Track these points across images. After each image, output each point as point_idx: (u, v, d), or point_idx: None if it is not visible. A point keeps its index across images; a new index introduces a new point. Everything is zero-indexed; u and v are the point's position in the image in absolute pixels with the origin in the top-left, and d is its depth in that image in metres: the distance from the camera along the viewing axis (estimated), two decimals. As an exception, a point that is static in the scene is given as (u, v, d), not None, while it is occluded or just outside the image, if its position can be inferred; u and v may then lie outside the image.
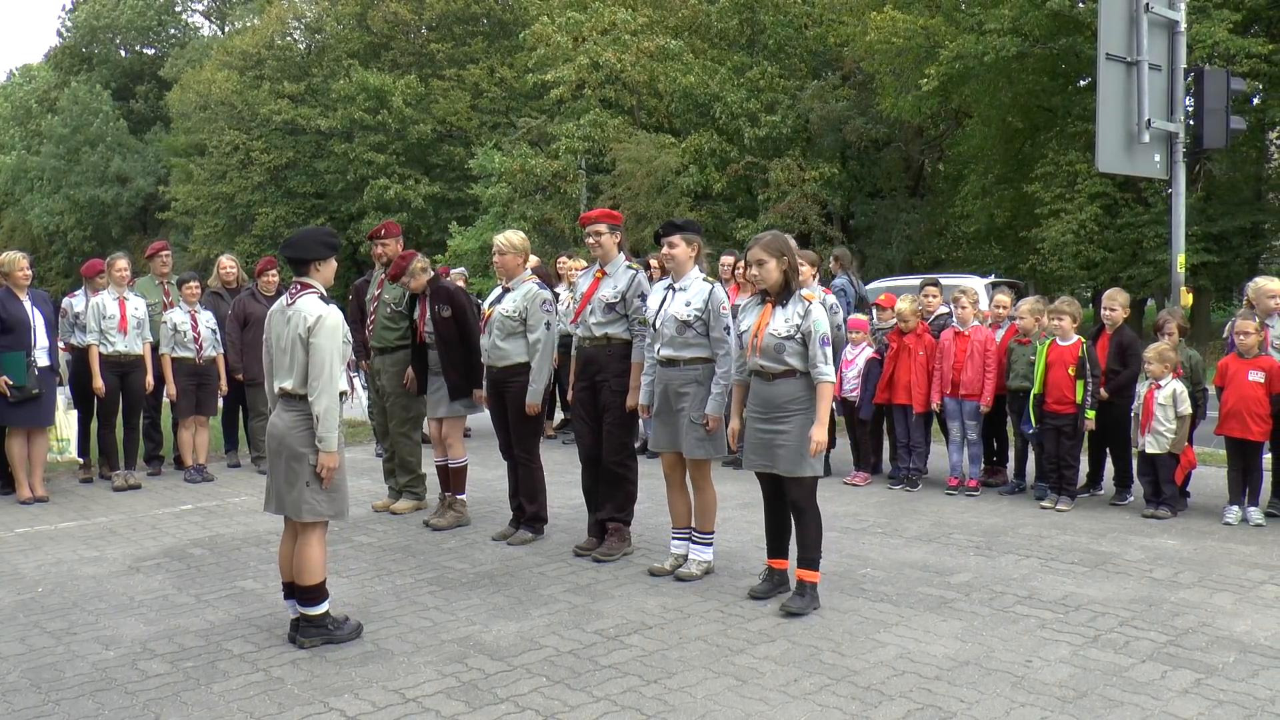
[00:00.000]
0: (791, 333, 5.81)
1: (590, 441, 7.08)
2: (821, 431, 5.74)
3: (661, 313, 6.48)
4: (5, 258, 9.47)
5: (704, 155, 29.18)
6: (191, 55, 51.87)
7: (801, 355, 5.81)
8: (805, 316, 5.81)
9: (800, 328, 5.80)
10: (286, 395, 5.37)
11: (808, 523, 5.89)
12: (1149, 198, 23.15)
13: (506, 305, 7.36)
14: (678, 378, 6.41)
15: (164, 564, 7.05)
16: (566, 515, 8.28)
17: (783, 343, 5.80)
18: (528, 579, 6.53)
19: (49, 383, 9.43)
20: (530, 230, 29.21)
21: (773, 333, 5.83)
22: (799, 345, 5.81)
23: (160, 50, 57.95)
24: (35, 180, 52.78)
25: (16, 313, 9.22)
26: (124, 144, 51.65)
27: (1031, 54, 23.40)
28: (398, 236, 8.77)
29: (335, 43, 45.26)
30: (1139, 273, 23.01)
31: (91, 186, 50.20)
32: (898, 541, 7.42)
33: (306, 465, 5.31)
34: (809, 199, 27.71)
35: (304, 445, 5.32)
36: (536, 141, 34.04)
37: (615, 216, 7.15)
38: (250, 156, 44.08)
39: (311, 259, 5.41)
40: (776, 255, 5.90)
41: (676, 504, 6.68)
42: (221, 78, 44.33)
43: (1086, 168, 22.44)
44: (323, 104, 43.27)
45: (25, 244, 52.23)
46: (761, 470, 6.00)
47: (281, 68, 44.96)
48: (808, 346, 5.79)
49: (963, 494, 9.07)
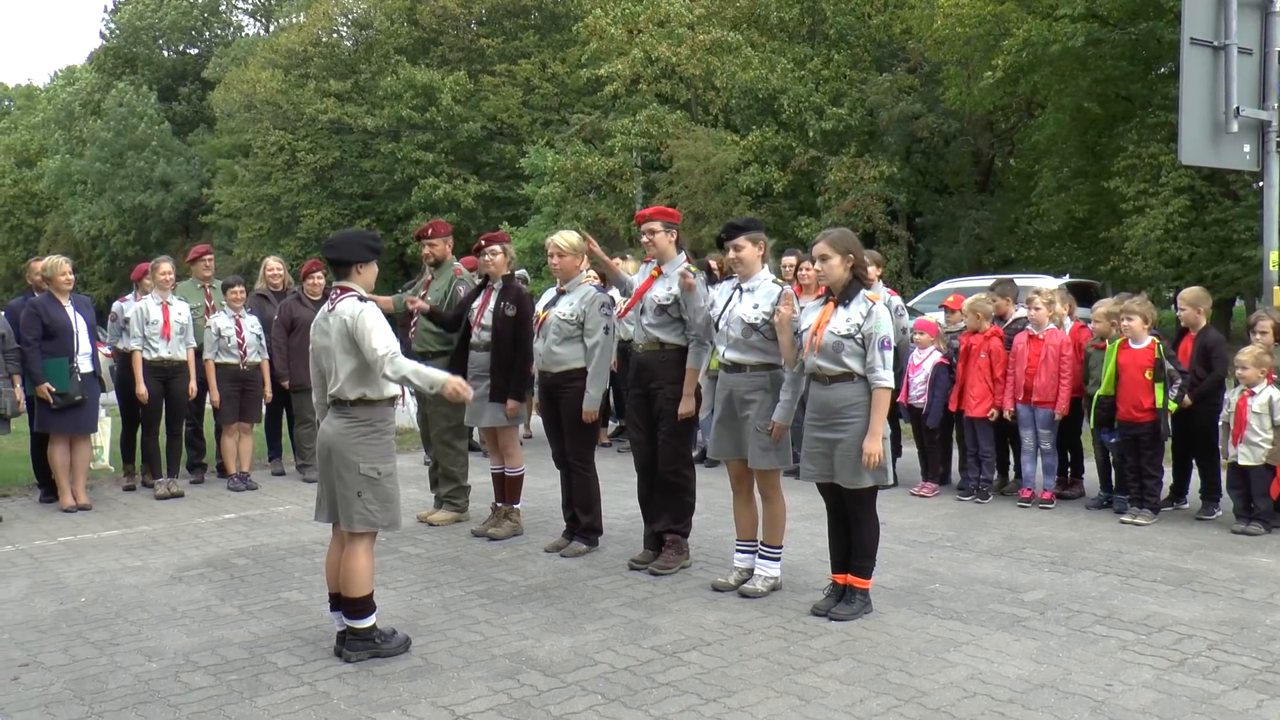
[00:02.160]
0: (851, 332, 5.79)
1: (646, 450, 7.08)
2: (875, 443, 5.71)
3: (727, 314, 6.46)
4: (48, 262, 9.65)
5: (765, 152, 29.11)
6: (236, 54, 52.54)
7: (860, 357, 5.79)
8: (867, 317, 5.79)
9: (861, 328, 5.78)
10: (337, 402, 5.45)
11: (864, 529, 5.93)
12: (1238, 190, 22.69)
13: (563, 308, 7.38)
14: (743, 384, 6.38)
15: (207, 574, 7.14)
16: (622, 526, 8.28)
17: (842, 341, 5.78)
18: (582, 592, 6.53)
19: (92, 389, 9.58)
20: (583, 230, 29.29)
21: (833, 331, 5.81)
22: (858, 346, 5.78)
23: (204, 50, 58.83)
24: (79, 184, 53.70)
25: (59, 318, 9.38)
26: (168, 147, 52.39)
27: (1108, 39, 23.05)
28: (446, 236, 8.80)
29: (383, 39, 45.67)
30: (1226, 270, 22.57)
31: (136, 192, 50.99)
32: (967, 556, 7.34)
33: (358, 473, 5.37)
34: (873, 197, 27.55)
35: (355, 453, 5.38)
36: (590, 139, 34.15)
37: (671, 214, 7.14)
38: (295, 157, 44.57)
39: (354, 261, 5.50)
40: (842, 252, 5.88)
41: (742, 515, 6.66)
42: (266, 76, 44.89)
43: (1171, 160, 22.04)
44: (370, 102, 43.68)
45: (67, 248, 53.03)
46: (819, 480, 5.99)
47: (328, 65, 45.47)
48: (867, 349, 5.76)
49: (1036, 506, 8.95)
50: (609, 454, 11.84)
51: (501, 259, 8.10)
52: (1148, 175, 23.00)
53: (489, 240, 8.21)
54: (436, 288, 8.62)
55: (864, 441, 5.73)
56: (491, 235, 8.30)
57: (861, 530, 5.94)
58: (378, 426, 5.46)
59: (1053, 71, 23.74)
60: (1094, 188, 25.26)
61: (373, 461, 5.41)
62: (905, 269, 29.22)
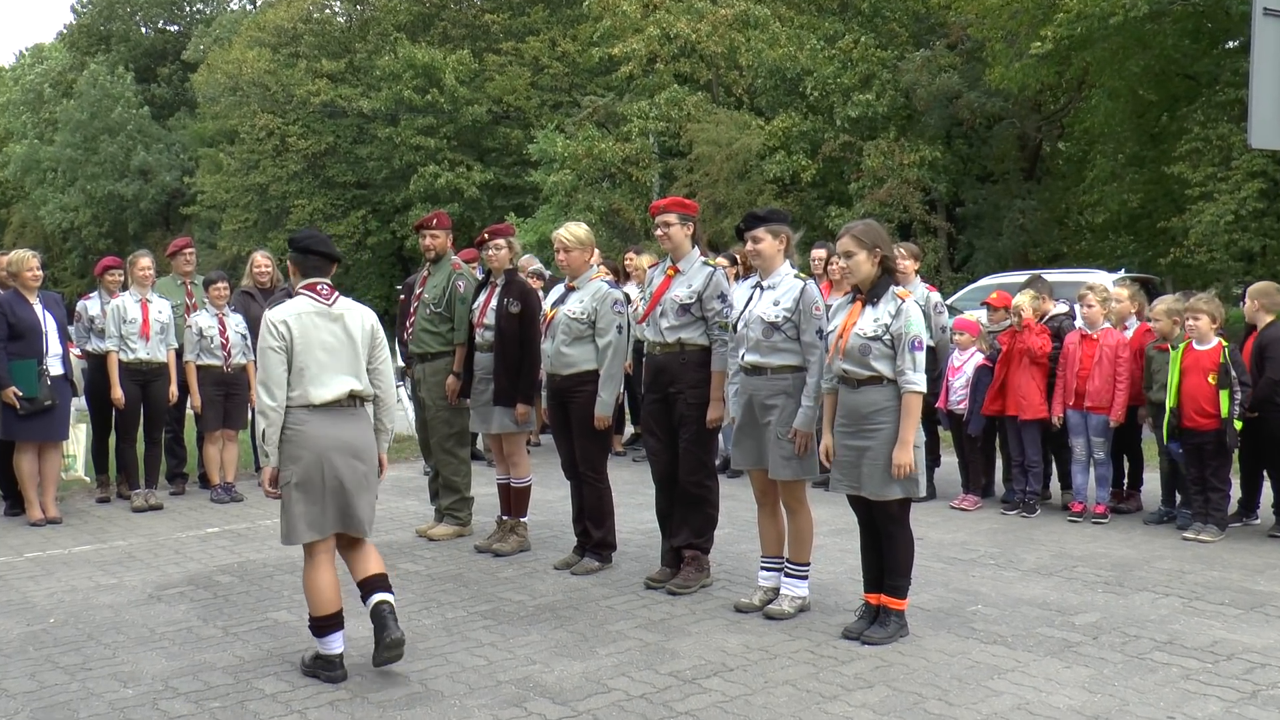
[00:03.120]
0: (879, 333, 5.80)
1: (664, 459, 7.08)
2: (905, 452, 5.72)
3: (746, 313, 6.46)
4: (13, 256, 9.66)
5: (792, 138, 29.07)
6: (219, 32, 52.71)
7: (890, 360, 5.80)
8: (896, 316, 5.79)
9: (890, 328, 5.78)
10: (358, 398, 5.61)
11: (897, 545, 5.94)
12: (1318, 174, 22.46)
13: (573, 306, 7.39)
14: (764, 388, 6.38)
15: (188, 593, 7.16)
16: (637, 542, 8.28)
17: (868, 344, 5.80)
18: (594, 613, 6.54)
19: (62, 393, 9.59)
20: (596, 222, 29.29)
21: (859, 332, 5.82)
22: (887, 348, 5.79)
23: (185, 27, 59.05)
24: (48, 172, 53.83)
25: (26, 317, 9.38)
26: (146, 132, 52.48)
27: (1169, 12, 22.88)
28: (448, 229, 8.82)
29: (380, 15, 45.77)
30: (1306, 265, 22.42)
31: (110, 180, 51.04)
32: (1013, 575, 7.32)
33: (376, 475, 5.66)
34: (910, 185, 27.49)
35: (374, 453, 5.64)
36: (603, 122, 34.15)
37: (688, 205, 7.13)
38: (285, 143, 44.68)
39: (338, 258, 5.83)
40: (868, 247, 5.88)
41: (767, 530, 6.65)
42: (253, 56, 45.00)
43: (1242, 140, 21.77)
44: (365, 83, 43.77)
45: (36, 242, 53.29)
46: (849, 492, 5.99)
47: (320, 44, 45.59)
48: (897, 350, 5.76)
49: (1088, 521, 8.91)
50: (623, 463, 11.84)
51: (506, 253, 8.14)
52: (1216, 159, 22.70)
53: (493, 233, 8.23)
54: (434, 284, 8.63)
55: (893, 450, 5.73)
56: (496, 228, 8.33)
57: (894, 546, 5.93)
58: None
59: (1105, 50, 23.57)
60: (1153, 174, 25.10)
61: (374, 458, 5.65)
62: (944, 263, 29.15)
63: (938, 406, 9.73)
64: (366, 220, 43.98)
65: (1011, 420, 9.30)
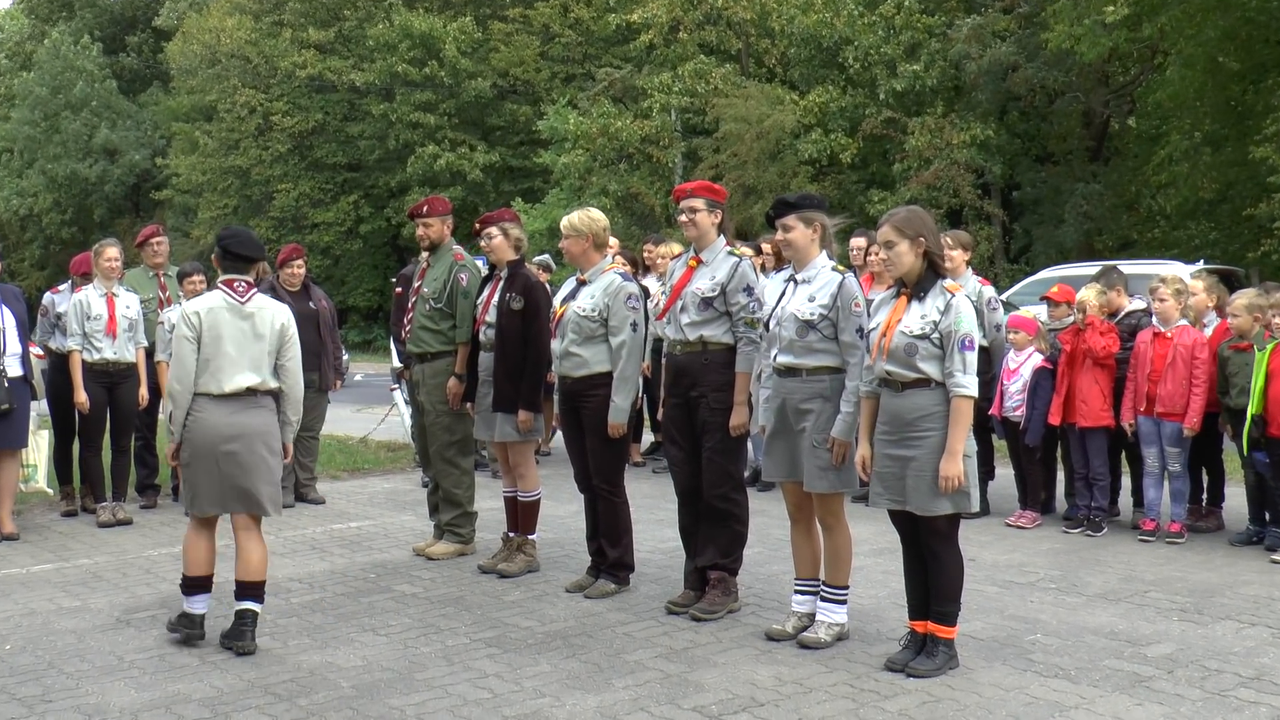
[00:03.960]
0: (926, 331, 5.78)
1: (687, 470, 7.08)
2: (953, 463, 5.70)
3: (779, 310, 6.45)
4: (-36, 248, 9.69)
5: (829, 115, 29.03)
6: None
7: (938, 361, 5.78)
8: (945, 312, 5.78)
9: (938, 326, 5.76)
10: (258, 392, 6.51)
11: (944, 566, 5.91)
12: None
13: (583, 302, 7.40)
14: (799, 391, 6.37)
15: (160, 616, 7.17)
16: (658, 562, 8.28)
17: (914, 343, 5.78)
18: (610, 641, 6.54)
19: (21, 397, 9.59)
20: (612, 208, 29.33)
21: (904, 330, 5.80)
22: (935, 347, 5.77)
23: (157, -9, 59.20)
24: (4, 153, 53.85)
25: (-20, 313, 9.41)
26: (114, 108, 52.57)
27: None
28: (445, 215, 8.78)
29: (372, -22, 45.90)
30: None
31: (73, 160, 51.09)
32: (1076, 600, 7.29)
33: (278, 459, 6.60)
34: (960, 166, 27.41)
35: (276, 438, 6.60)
36: (621, 97, 34.19)
37: (716, 191, 7.13)
38: (268, 121, 44.83)
39: (258, 258, 6.84)
40: (911, 236, 5.87)
41: (801, 549, 6.65)
42: (232, 24, 45.18)
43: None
44: (357, 55, 43.88)
45: (-10, 230, 53.49)
46: (892, 507, 5.97)
47: (306, 10, 45.73)
48: (945, 350, 5.74)
49: (1162, 540, 8.88)
50: (642, 475, 11.84)
51: (501, 242, 8.12)
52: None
53: (484, 222, 8.24)
54: (433, 277, 8.63)
55: (940, 461, 5.71)
56: (489, 215, 8.32)
57: (941, 568, 5.91)
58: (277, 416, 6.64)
59: (1182, 12, 23.36)
60: (1235, 154, 24.90)
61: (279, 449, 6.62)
62: (999, 253, 29.07)
63: (991, 413, 9.70)
64: (358, 206, 44.12)
65: (1074, 428, 9.27)
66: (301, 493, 10.96)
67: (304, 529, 9.75)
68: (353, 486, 11.90)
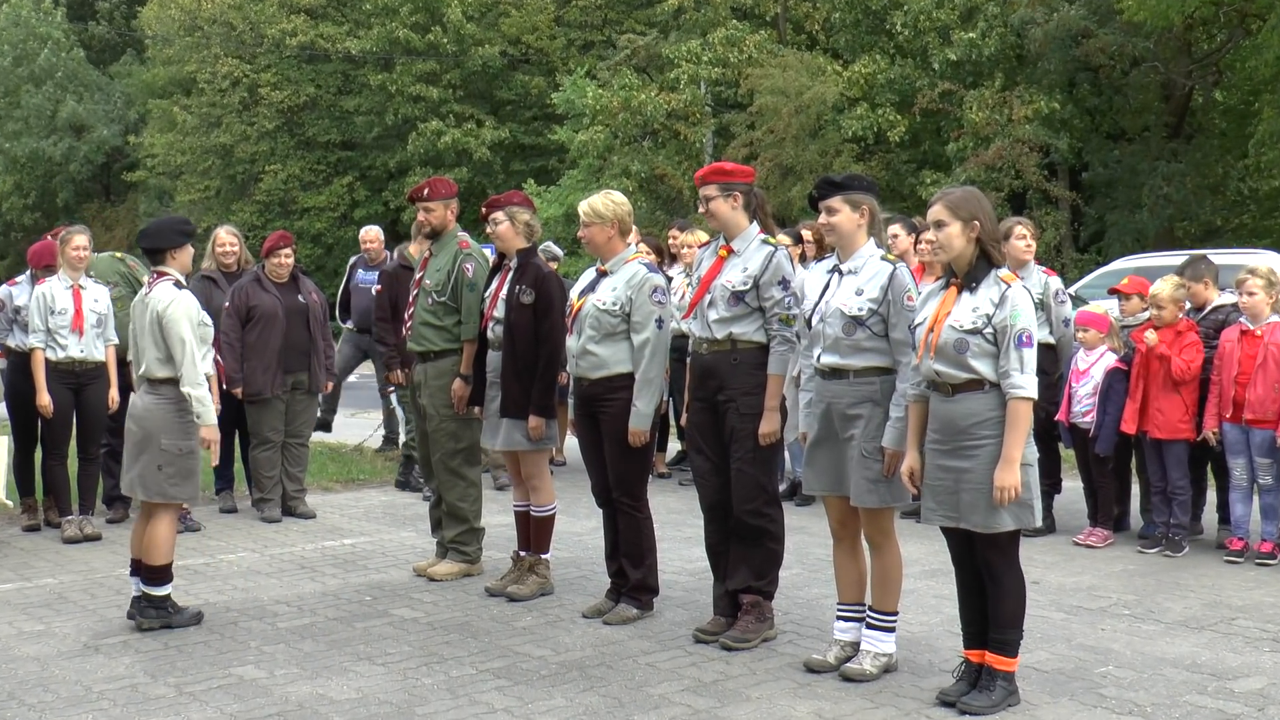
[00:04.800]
0: (979, 325, 5.75)
1: (715, 483, 7.08)
2: (1009, 473, 5.65)
3: (823, 305, 6.44)
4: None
5: (877, 87, 28.95)
6: (174, -43, 52.99)
7: (992, 358, 5.75)
8: (1000, 304, 5.75)
9: (993, 320, 5.73)
10: (148, 380, 7.49)
11: (1004, 589, 5.87)
12: None
13: (603, 295, 7.41)
14: (846, 395, 6.36)
15: (133, 642, 7.21)
16: (685, 584, 8.28)
17: (965, 338, 5.75)
18: (631, 672, 6.55)
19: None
20: (635, 190, 29.29)
21: (954, 324, 5.77)
22: (988, 344, 5.74)
23: (130, -49, 59.35)
24: (-43, 130, 54.07)
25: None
26: (81, 80, 52.60)
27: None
28: (448, 199, 8.78)
29: (368, -65, 45.93)
30: None
31: (35, 138, 51.03)
32: (1153, 628, 7.27)
33: (159, 449, 7.39)
34: (1024, 145, 27.30)
35: (160, 429, 7.41)
36: (644, 67, 34.16)
37: (731, 172, 7.08)
38: (255, 94, 44.84)
39: (166, 248, 7.61)
40: (964, 218, 5.84)
41: (845, 570, 6.65)
42: (214, -13, 45.27)
43: None
44: (353, 21, 43.92)
45: (-56, 216, 53.57)
46: (945, 524, 5.95)
47: (296, -29, 45.81)
48: (1000, 347, 5.71)
49: (1251, 561, 8.85)
50: (667, 487, 11.85)
51: (508, 228, 8.12)
52: None
53: (491, 206, 8.24)
54: (436, 267, 8.63)
55: (996, 471, 5.68)
56: (497, 198, 8.33)
57: (1001, 591, 5.88)
58: (183, 406, 7.43)
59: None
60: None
61: (175, 438, 7.43)
62: (1067, 241, 28.94)
63: (1058, 419, 9.68)
64: (353, 188, 44.11)
65: (1150, 437, 9.24)
66: (290, 506, 10.99)
67: (292, 546, 9.78)
68: (346, 499, 11.94)
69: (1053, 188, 28.29)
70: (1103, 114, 30.33)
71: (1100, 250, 28.61)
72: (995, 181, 26.34)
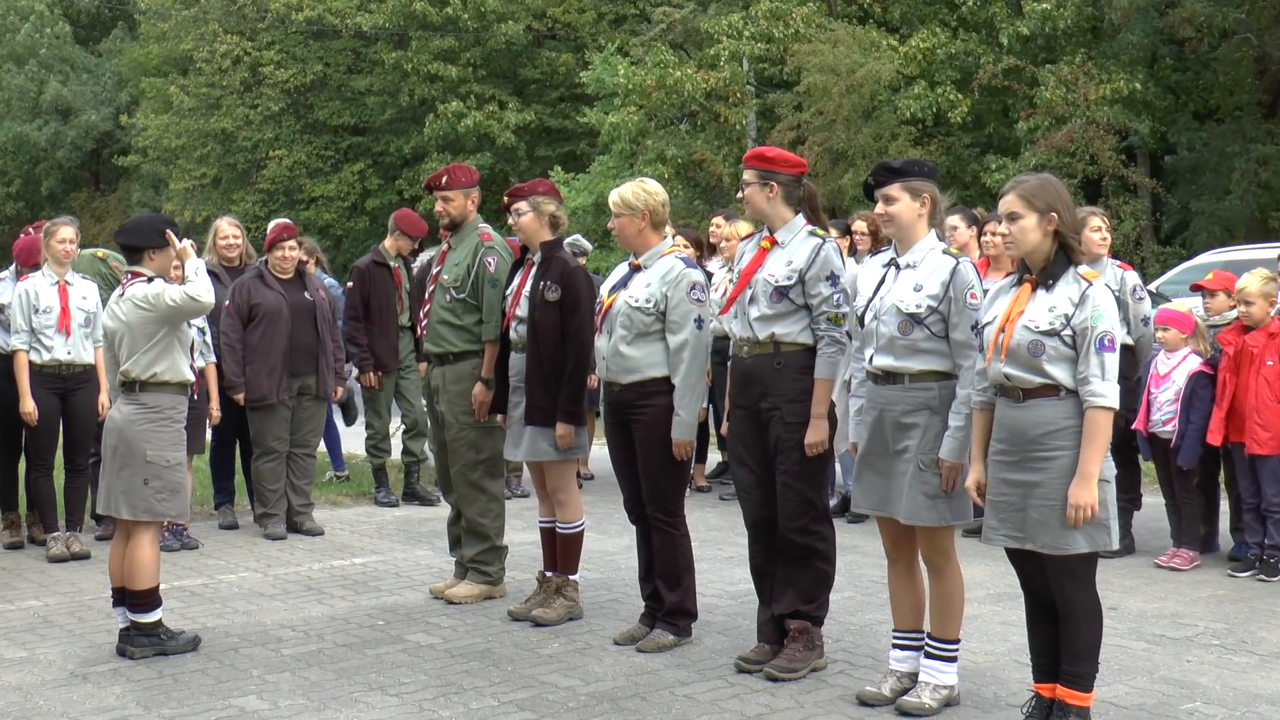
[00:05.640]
0: (1055, 326, 5.72)
1: (758, 497, 7.08)
2: (1086, 489, 5.61)
3: (877, 301, 6.44)
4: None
5: (937, 64, 28.87)
6: (169, -75, 53.19)
7: (1069, 363, 5.72)
8: (1080, 304, 5.72)
9: (1071, 321, 5.71)
10: (126, 385, 7.49)
11: (1078, 617, 5.84)
12: None
13: (636, 291, 7.42)
14: (900, 401, 6.36)
15: (123, 670, 7.25)
16: (726, 609, 8.29)
17: (1040, 340, 5.72)
18: (668, 704, 6.56)
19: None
20: (671, 178, 29.27)
21: (1028, 325, 5.75)
22: (1065, 346, 5.71)
23: (122, -81, 59.65)
24: (-67, 113, 54.35)
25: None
26: (67, 59, 52.79)
27: None
28: (468, 187, 8.79)
29: (381, -100, 46.04)
30: None
31: (18, 122, 51.20)
32: (1245, 660, 7.25)
33: (144, 460, 7.36)
34: (1100, 127, 27.17)
35: (143, 439, 7.38)
36: (681, 44, 34.15)
37: (774, 160, 7.06)
38: (257, 74, 44.95)
39: (145, 247, 7.60)
40: (1041, 210, 5.82)
41: (901, 594, 6.64)
42: (213, -44, 45.42)
43: None
44: (363, -7, 44.06)
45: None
46: (1011, 545, 5.92)
47: (303, -61, 45.93)
48: (1079, 351, 5.69)
49: (1351, 586, 8.82)
50: (706, 502, 11.85)
51: (531, 219, 8.14)
52: None
53: (513, 195, 8.26)
54: (455, 261, 8.65)
55: (1070, 486, 5.65)
56: (520, 186, 8.34)
57: (1075, 619, 5.85)
58: (167, 414, 7.50)
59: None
60: None
61: (161, 449, 7.43)
62: (1147, 233, 28.82)
63: (1136, 428, 9.64)
64: (365, 176, 44.18)
65: (1242, 448, 9.20)
66: (295, 522, 11.03)
67: (298, 565, 9.83)
68: (357, 514, 11.98)
69: (1131, 173, 28.14)
70: (1188, 92, 30.12)
71: (1184, 242, 28.45)
72: (1068, 167, 26.16)
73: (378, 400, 12.26)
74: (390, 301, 12.12)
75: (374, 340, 11.95)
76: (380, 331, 12.04)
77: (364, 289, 11.31)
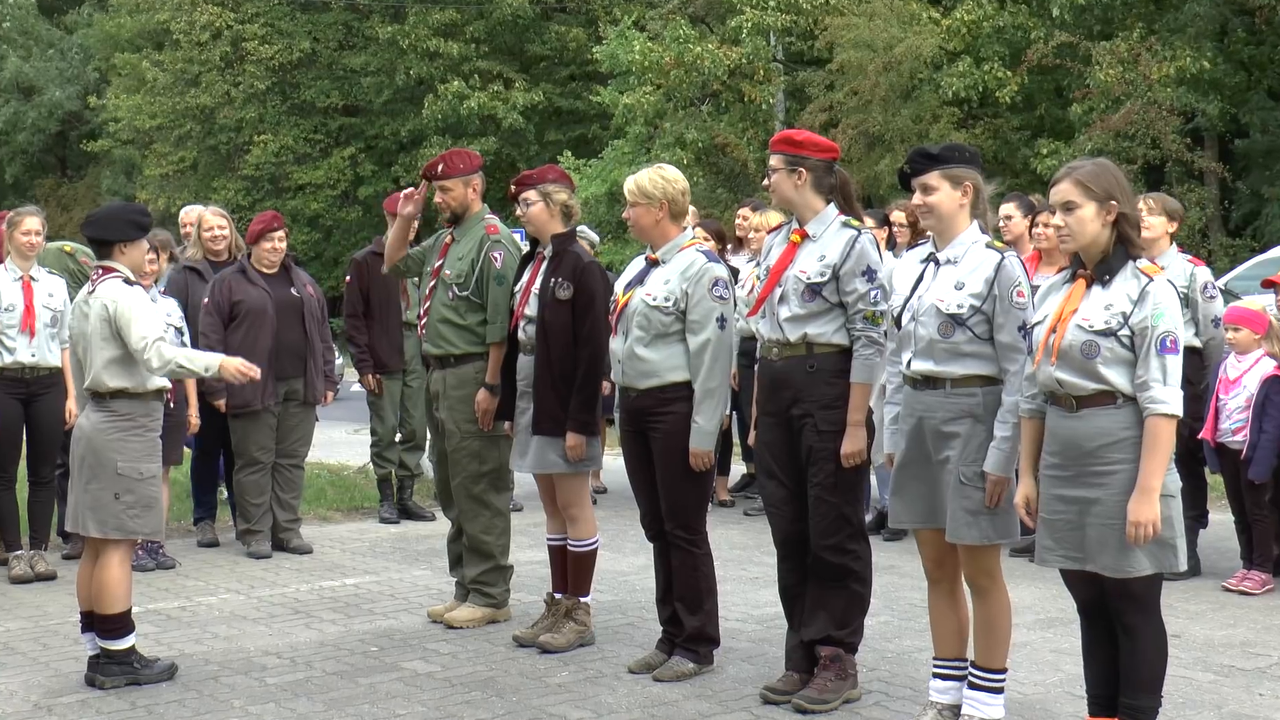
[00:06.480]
0: (1112, 325, 5.69)
1: (789, 513, 7.08)
2: (1147, 505, 5.56)
3: (915, 300, 6.44)
4: None
5: (982, 39, 28.84)
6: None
7: (1128, 367, 5.68)
8: (1140, 302, 5.69)
9: (1129, 320, 5.69)
10: (95, 395, 7.46)
11: (1140, 645, 5.80)
12: None
13: (654, 288, 7.42)
14: (941, 409, 6.35)
15: (92, 701, 7.25)
16: (751, 633, 8.30)
17: (1095, 341, 5.69)
18: (685, 739, 6.56)
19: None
20: (692, 163, 29.29)
21: (1082, 324, 5.73)
22: (1123, 348, 5.68)
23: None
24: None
25: None
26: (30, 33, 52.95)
27: None
28: (469, 174, 8.76)
29: None
30: None
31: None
32: (1321, 691, 7.23)
33: (115, 473, 7.31)
34: (1163, 108, 27.13)
35: (114, 450, 7.34)
36: (702, 17, 34.19)
37: (803, 144, 7.05)
38: (240, 49, 45.07)
39: (116, 240, 7.56)
40: (1100, 198, 5.80)
41: (943, 619, 6.63)
42: (190, -80, 45.51)
43: None
44: (355, -40, 44.17)
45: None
46: (1066, 566, 5.91)
47: (289, -98, 46.05)
48: (1139, 353, 5.67)
49: None
50: (730, 517, 11.86)
51: (540, 209, 8.13)
52: None
53: (521, 183, 8.26)
54: (458, 256, 8.63)
55: (1130, 503, 5.64)
56: (528, 174, 8.34)
57: (1135, 647, 5.83)
58: (140, 422, 7.48)
59: None
60: None
61: (134, 460, 7.39)
62: (1216, 224, 28.78)
63: (1203, 438, 9.63)
64: (357, 162, 44.32)
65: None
66: (281, 539, 11.03)
67: (284, 586, 9.84)
68: (349, 531, 12.01)
69: (1197, 158, 28.09)
70: (1262, 68, 30.03)
71: (1255, 234, 28.42)
72: (1127, 152, 26.07)
73: (381, 405, 12.22)
74: (393, 296, 12.05)
75: (374, 339, 11.89)
76: (381, 329, 11.99)
77: (363, 283, 11.27)
